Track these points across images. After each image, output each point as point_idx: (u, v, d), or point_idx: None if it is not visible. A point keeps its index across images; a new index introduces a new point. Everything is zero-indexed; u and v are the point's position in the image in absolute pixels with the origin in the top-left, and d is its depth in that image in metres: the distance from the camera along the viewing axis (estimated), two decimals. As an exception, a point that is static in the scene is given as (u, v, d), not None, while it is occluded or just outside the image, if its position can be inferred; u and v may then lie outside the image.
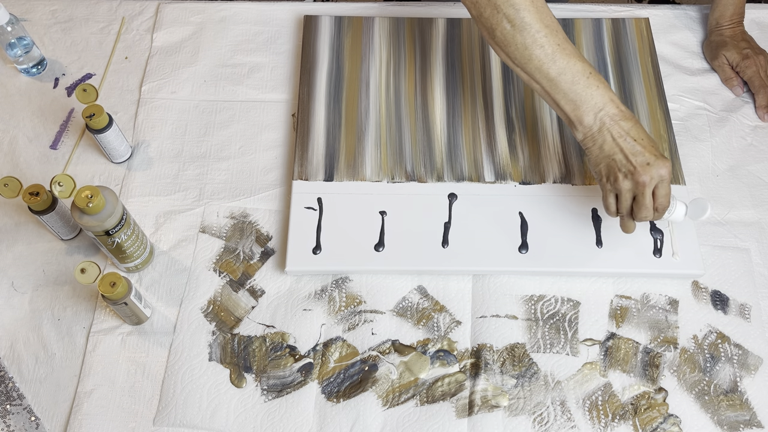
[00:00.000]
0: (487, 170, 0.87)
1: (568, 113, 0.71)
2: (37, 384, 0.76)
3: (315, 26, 0.99)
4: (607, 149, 0.70)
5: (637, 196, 0.71)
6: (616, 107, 0.70)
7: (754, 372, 0.77)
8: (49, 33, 1.02)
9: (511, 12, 0.69)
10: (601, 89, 0.70)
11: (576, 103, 0.70)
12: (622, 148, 0.70)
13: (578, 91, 0.70)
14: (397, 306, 0.80)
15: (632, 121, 0.70)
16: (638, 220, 0.73)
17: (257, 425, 0.74)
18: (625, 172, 0.70)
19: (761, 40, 1.00)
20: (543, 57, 0.69)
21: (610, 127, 0.70)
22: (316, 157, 0.88)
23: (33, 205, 0.77)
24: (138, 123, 0.94)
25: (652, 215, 0.72)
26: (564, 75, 0.70)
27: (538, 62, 0.70)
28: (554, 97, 0.71)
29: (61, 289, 0.82)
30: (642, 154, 0.69)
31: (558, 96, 0.71)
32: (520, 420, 0.74)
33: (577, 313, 0.80)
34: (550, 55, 0.69)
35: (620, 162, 0.70)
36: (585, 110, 0.70)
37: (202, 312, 0.80)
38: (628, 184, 0.70)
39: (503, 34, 0.70)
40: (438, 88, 0.94)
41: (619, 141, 0.70)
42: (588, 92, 0.70)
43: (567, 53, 0.70)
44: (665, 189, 0.71)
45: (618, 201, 0.73)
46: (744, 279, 0.82)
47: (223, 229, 0.85)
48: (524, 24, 0.69)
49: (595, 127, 0.70)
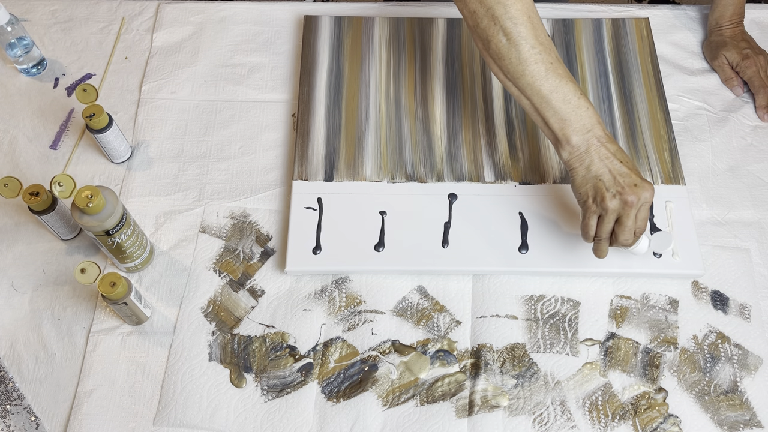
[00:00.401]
0: (487, 170, 0.87)
1: (557, 131, 0.71)
2: (37, 384, 0.76)
3: (315, 26, 0.99)
4: (594, 170, 0.70)
5: (621, 217, 0.71)
6: (603, 130, 0.71)
7: (754, 372, 0.77)
8: (49, 33, 1.02)
9: (508, 25, 0.69)
10: (590, 111, 0.71)
11: (565, 121, 0.70)
12: (610, 169, 0.70)
13: (568, 110, 0.70)
14: (397, 306, 0.80)
15: (617, 145, 0.71)
16: (617, 245, 0.73)
17: (257, 425, 0.74)
18: (614, 192, 0.70)
19: (761, 40, 1.00)
20: (536, 73, 0.69)
21: (598, 149, 0.70)
22: (316, 157, 0.88)
23: (33, 205, 0.77)
24: (138, 123, 0.94)
25: (632, 239, 0.72)
26: (556, 93, 0.70)
27: (531, 78, 0.70)
28: (544, 114, 0.71)
29: (61, 289, 0.82)
30: (629, 176, 0.70)
31: (548, 113, 0.71)
32: (520, 420, 0.74)
33: (577, 313, 0.80)
34: (543, 73, 0.69)
35: (608, 182, 0.70)
36: (574, 129, 0.70)
37: (202, 312, 0.80)
38: (616, 204, 0.70)
39: (498, 47, 0.70)
40: (438, 88, 0.94)
41: (606, 162, 0.70)
42: (578, 112, 0.70)
43: (559, 72, 0.70)
44: (645, 212, 0.71)
45: (600, 223, 0.72)
46: (744, 279, 0.82)
47: (223, 229, 0.85)
48: (520, 38, 0.69)
49: (583, 148, 0.70)
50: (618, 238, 0.72)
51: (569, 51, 0.97)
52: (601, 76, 0.95)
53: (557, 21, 1.00)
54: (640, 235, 0.73)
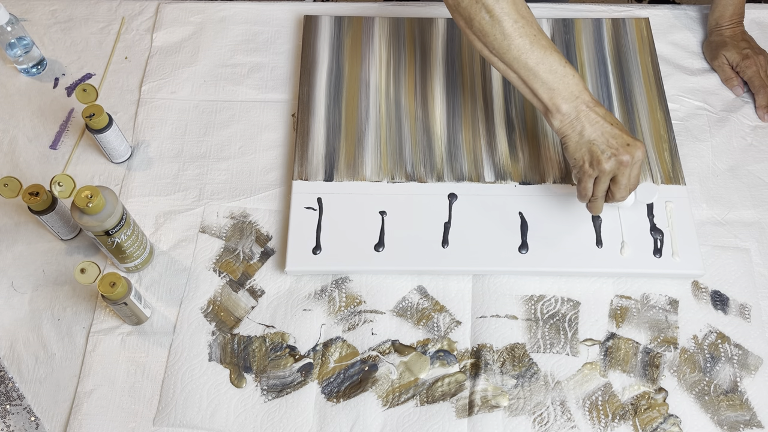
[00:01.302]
0: (487, 170, 0.87)
1: (546, 101, 0.73)
2: (37, 384, 0.76)
3: (315, 26, 0.99)
4: (587, 134, 0.72)
5: (617, 176, 0.73)
6: (590, 95, 0.73)
7: (754, 372, 0.77)
8: (49, 33, 1.02)
9: (490, 2, 0.70)
10: (576, 78, 0.72)
11: (554, 90, 0.72)
12: (603, 131, 0.72)
13: (556, 79, 0.72)
14: (397, 306, 0.80)
15: (604, 109, 0.74)
16: (614, 201, 0.76)
17: (257, 425, 0.74)
18: (609, 154, 0.72)
19: (761, 40, 1.00)
20: (521, 47, 0.71)
21: (587, 114, 0.72)
22: (316, 157, 0.88)
23: (33, 205, 0.77)
24: (138, 123, 0.94)
25: (627, 195, 0.75)
26: (542, 64, 0.71)
27: (517, 52, 0.71)
28: (532, 85, 0.73)
29: (61, 289, 0.81)
30: (621, 137, 0.72)
31: (536, 85, 0.72)
32: (520, 420, 0.74)
33: (577, 313, 0.80)
34: (528, 45, 0.71)
35: (602, 145, 0.72)
36: (563, 97, 0.72)
37: (202, 312, 0.80)
38: (612, 165, 0.72)
39: (481, 24, 0.71)
40: (438, 88, 0.94)
41: (597, 126, 0.72)
42: (565, 80, 0.72)
43: (542, 44, 0.72)
44: (637, 170, 0.74)
45: (596, 184, 0.75)
46: (744, 279, 0.82)
47: (223, 229, 0.85)
48: (503, 14, 0.70)
49: (573, 114, 0.72)
50: (615, 195, 0.75)
51: (569, 51, 0.97)
52: (601, 76, 0.95)
53: (557, 21, 1.00)
54: (632, 190, 0.76)
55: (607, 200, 0.77)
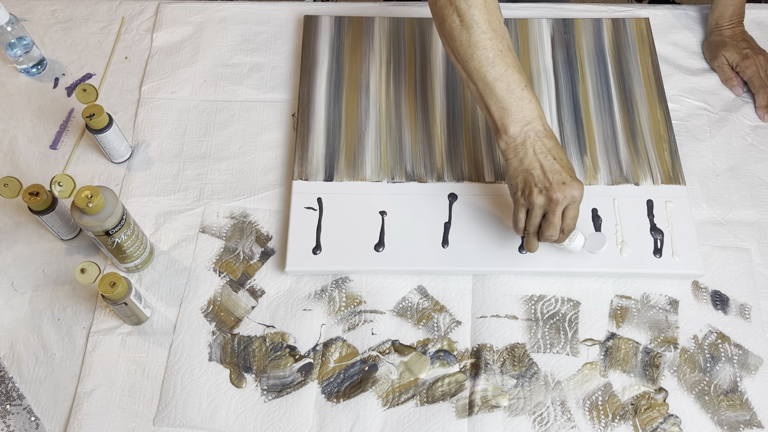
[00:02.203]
0: (487, 170, 0.87)
1: (496, 120, 0.71)
2: (37, 384, 0.76)
3: (315, 26, 0.99)
4: (527, 163, 0.70)
5: (547, 213, 0.71)
6: (542, 125, 0.71)
7: (754, 372, 0.77)
8: (49, 33, 1.02)
9: (463, 7, 0.69)
10: (533, 104, 0.71)
11: (506, 111, 0.70)
12: (542, 164, 0.70)
13: (511, 100, 0.70)
14: (397, 306, 0.80)
15: (554, 141, 0.71)
16: (543, 240, 0.73)
17: (257, 425, 0.74)
18: (541, 187, 0.70)
19: (761, 40, 1.00)
20: (483, 59, 0.70)
21: (534, 142, 0.70)
22: (316, 157, 0.88)
23: (33, 205, 0.77)
24: (138, 123, 0.94)
25: (557, 236, 0.73)
26: (500, 81, 0.70)
27: (478, 63, 0.70)
28: (486, 101, 0.71)
29: (61, 289, 0.81)
30: (560, 173, 0.70)
31: (490, 101, 0.71)
32: (520, 420, 0.74)
33: (577, 313, 0.80)
34: (490, 59, 0.70)
35: (537, 177, 0.70)
36: (513, 120, 0.70)
37: (202, 312, 0.80)
38: (542, 200, 0.70)
39: (451, 27, 0.71)
40: (438, 88, 0.94)
41: (540, 157, 0.70)
42: (520, 104, 0.70)
43: (507, 61, 0.70)
44: (574, 211, 0.71)
45: (528, 217, 0.73)
46: (744, 279, 0.82)
47: (223, 229, 0.85)
48: (473, 22, 0.69)
49: (519, 140, 0.71)
50: (543, 233, 0.72)
51: (569, 51, 0.97)
52: (601, 76, 0.95)
53: (557, 21, 1.00)
54: (568, 233, 0.73)
55: (539, 239, 0.74)
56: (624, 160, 0.88)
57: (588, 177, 0.87)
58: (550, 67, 0.96)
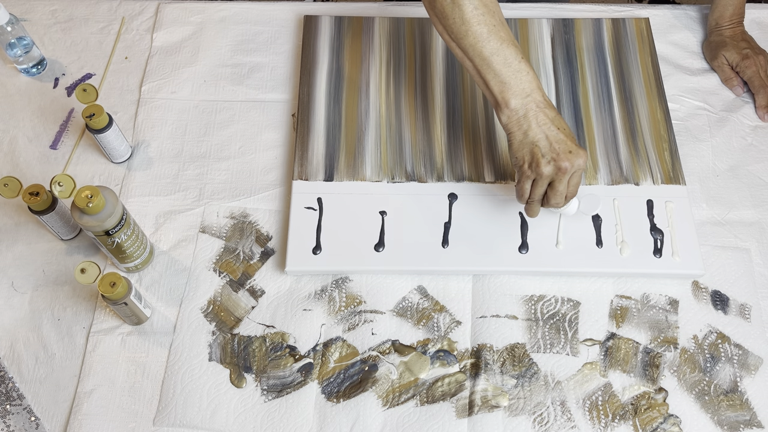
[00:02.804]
0: (487, 170, 0.87)
1: (496, 94, 0.71)
2: (37, 384, 0.76)
3: (315, 26, 0.99)
4: (532, 135, 0.71)
5: (554, 182, 0.72)
6: (542, 96, 0.71)
7: (754, 372, 0.77)
8: (49, 33, 1.02)
9: None
10: (531, 75, 0.71)
11: (505, 84, 0.70)
12: (547, 135, 0.71)
13: (509, 73, 0.70)
14: (397, 306, 0.80)
15: (555, 111, 0.72)
16: (548, 206, 0.75)
17: (257, 425, 0.74)
18: (549, 158, 0.70)
19: (761, 40, 1.00)
20: (479, 35, 0.70)
21: (536, 114, 0.71)
22: (316, 157, 0.88)
23: (33, 205, 0.77)
24: (138, 123, 0.94)
25: (563, 203, 0.74)
26: (497, 56, 0.70)
27: (474, 39, 0.70)
28: (485, 76, 0.71)
29: (61, 289, 0.82)
30: (565, 143, 0.70)
31: (489, 75, 0.71)
32: (520, 420, 0.74)
33: (577, 313, 0.80)
34: (485, 34, 0.70)
35: (544, 148, 0.71)
36: (513, 93, 0.70)
37: (202, 312, 0.80)
38: (550, 170, 0.71)
39: (443, 6, 0.71)
40: (438, 88, 0.94)
41: (544, 128, 0.71)
42: (518, 76, 0.70)
43: (501, 36, 0.70)
44: (579, 178, 0.73)
45: (533, 187, 0.74)
46: (744, 279, 0.82)
47: (223, 229, 0.85)
48: None
49: (521, 112, 0.71)
50: (549, 200, 0.74)
51: (569, 51, 0.97)
52: (601, 76, 0.95)
53: (557, 21, 1.00)
54: (571, 198, 0.75)
55: (544, 204, 0.76)
56: (624, 160, 0.88)
57: (588, 177, 0.87)
58: (550, 67, 0.96)
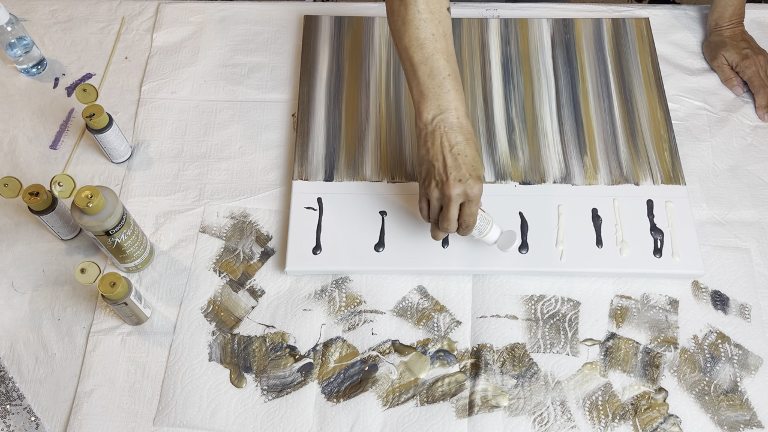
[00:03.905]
0: (487, 170, 0.87)
1: (415, 103, 0.71)
2: (37, 384, 0.76)
3: (315, 26, 0.99)
4: (432, 154, 0.70)
5: (443, 207, 0.71)
6: (456, 117, 0.69)
7: (754, 372, 0.77)
8: (49, 33, 1.02)
9: None
10: (452, 95, 0.69)
11: (423, 96, 0.70)
12: (444, 158, 0.69)
13: (430, 86, 0.69)
14: (397, 306, 0.80)
15: (465, 136, 0.69)
16: (441, 231, 0.73)
17: (257, 425, 0.74)
18: (438, 180, 0.69)
19: (761, 40, 1.00)
20: (414, 39, 0.69)
21: (442, 134, 0.69)
22: (316, 157, 0.88)
23: (33, 205, 0.77)
24: (138, 123, 0.94)
25: (453, 230, 0.72)
26: (424, 65, 0.69)
27: (408, 41, 0.70)
28: (410, 82, 0.71)
29: (61, 289, 0.81)
30: (458, 170, 0.68)
31: (413, 82, 0.70)
32: (520, 420, 0.74)
33: (577, 313, 0.80)
34: (420, 40, 0.69)
35: (437, 170, 0.69)
36: (427, 107, 0.69)
37: (202, 312, 0.80)
38: (437, 194, 0.70)
39: (392, 1, 0.71)
40: (438, 88, 0.94)
41: (444, 150, 0.69)
42: (437, 92, 0.69)
43: (437, 46, 0.69)
44: (471, 209, 0.70)
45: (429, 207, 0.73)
46: (744, 279, 0.82)
47: (223, 229, 0.85)
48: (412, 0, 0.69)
49: (430, 128, 0.70)
50: (440, 224, 0.72)
51: (569, 51, 0.97)
52: (601, 76, 0.95)
53: (557, 21, 1.00)
54: (466, 228, 0.72)
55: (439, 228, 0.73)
56: (624, 160, 0.88)
57: (588, 177, 0.87)
58: (550, 67, 0.96)
